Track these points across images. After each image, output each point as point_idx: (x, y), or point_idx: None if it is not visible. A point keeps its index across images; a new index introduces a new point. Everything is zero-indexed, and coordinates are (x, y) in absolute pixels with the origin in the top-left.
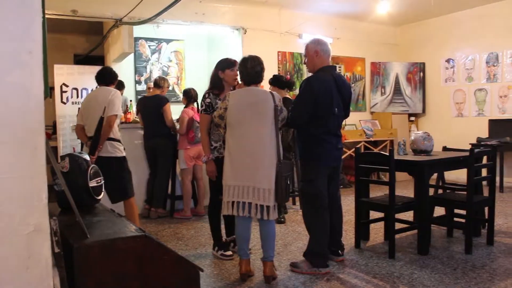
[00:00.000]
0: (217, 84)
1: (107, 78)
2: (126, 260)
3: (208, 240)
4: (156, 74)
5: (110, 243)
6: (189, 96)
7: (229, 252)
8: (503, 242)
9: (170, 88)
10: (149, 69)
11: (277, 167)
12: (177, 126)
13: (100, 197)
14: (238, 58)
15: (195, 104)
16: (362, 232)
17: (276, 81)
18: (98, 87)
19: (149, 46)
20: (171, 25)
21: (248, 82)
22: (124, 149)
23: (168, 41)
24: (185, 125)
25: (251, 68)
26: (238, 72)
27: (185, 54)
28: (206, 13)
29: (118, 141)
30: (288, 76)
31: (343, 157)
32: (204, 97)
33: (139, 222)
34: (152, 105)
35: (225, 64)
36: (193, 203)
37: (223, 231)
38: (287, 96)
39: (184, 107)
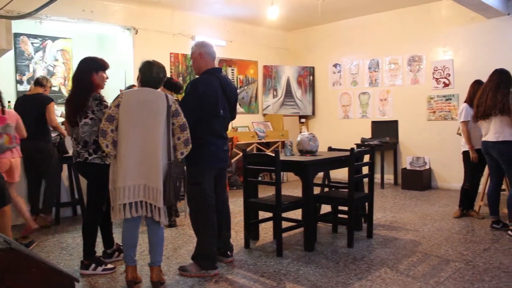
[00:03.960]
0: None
1: None
2: None
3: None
4: (40, 74)
5: None
6: None
7: (111, 265)
8: (381, 234)
9: (56, 89)
10: (33, 68)
11: (167, 167)
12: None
13: None
14: (129, 58)
15: None
16: (251, 232)
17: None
18: None
19: (32, 43)
20: (56, 22)
21: (147, 86)
22: None
23: (54, 38)
24: None
25: (156, 74)
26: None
27: (73, 53)
28: (95, 11)
29: None
30: (176, 79)
31: (235, 158)
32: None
33: (11, 233)
34: (32, 104)
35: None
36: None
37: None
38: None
39: None
